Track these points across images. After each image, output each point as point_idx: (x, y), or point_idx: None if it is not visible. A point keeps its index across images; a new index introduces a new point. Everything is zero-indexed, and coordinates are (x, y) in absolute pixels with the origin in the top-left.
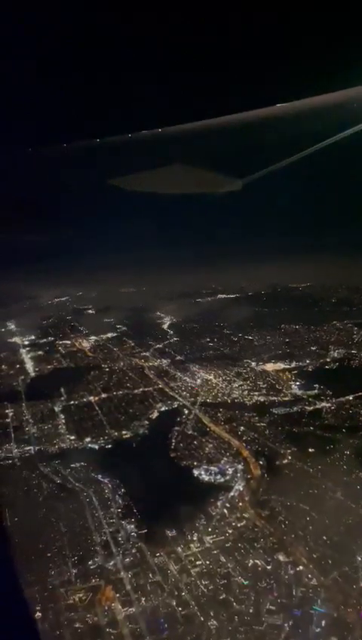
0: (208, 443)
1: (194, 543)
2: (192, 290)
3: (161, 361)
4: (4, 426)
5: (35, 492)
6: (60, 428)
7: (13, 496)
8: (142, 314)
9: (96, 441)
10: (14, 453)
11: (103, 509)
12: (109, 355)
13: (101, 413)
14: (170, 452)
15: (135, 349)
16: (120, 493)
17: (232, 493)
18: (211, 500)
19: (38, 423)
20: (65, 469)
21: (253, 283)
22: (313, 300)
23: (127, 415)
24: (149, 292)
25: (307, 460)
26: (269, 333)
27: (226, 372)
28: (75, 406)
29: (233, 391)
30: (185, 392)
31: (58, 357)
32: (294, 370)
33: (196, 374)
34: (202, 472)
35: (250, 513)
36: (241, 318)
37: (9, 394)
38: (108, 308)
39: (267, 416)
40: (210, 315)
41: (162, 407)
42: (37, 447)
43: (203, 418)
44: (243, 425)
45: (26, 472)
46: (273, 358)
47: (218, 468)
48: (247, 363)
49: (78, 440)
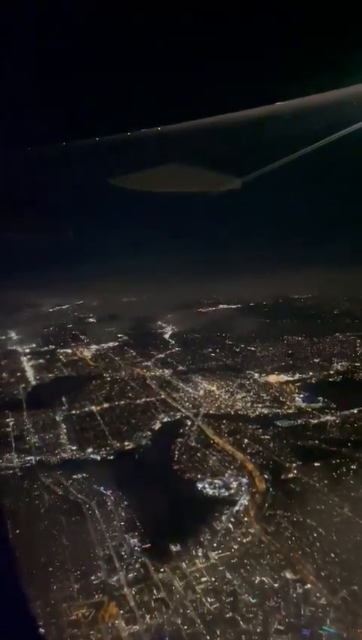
0: (211, 455)
1: (199, 558)
2: (193, 300)
3: (163, 371)
4: (5, 435)
5: (37, 504)
6: (62, 438)
7: (14, 508)
8: (144, 323)
9: (98, 452)
10: (15, 462)
11: (106, 522)
12: (111, 365)
13: (103, 423)
14: (173, 464)
15: (137, 358)
16: (123, 505)
17: (237, 508)
18: (215, 514)
19: (39, 433)
20: (67, 480)
21: (254, 293)
22: (315, 311)
23: (130, 426)
24: (150, 301)
25: (313, 475)
26: (272, 344)
27: (229, 383)
28: (76, 415)
29: (236, 402)
30: (187, 402)
31: (59, 365)
32: (297, 383)
33: (198, 385)
34: (206, 486)
35: (255, 528)
36: (243, 328)
37: (10, 402)
38: (109, 317)
39: (271, 429)
40: (211, 326)
41: (165, 418)
42: (38, 457)
43: (206, 430)
44: (247, 437)
45: (27, 483)
46: (276, 369)
47: (222, 481)
48: (250, 374)
49: (79, 450)
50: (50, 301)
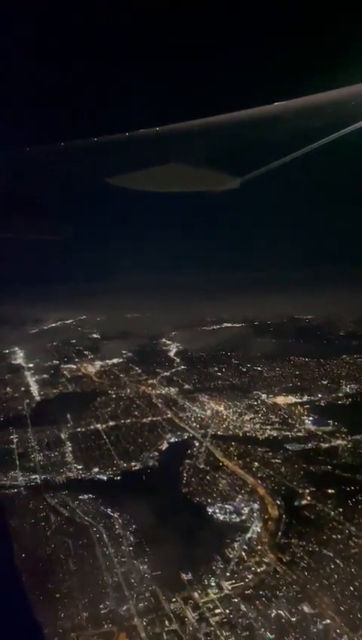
0: (221, 479)
1: (211, 588)
2: (197, 318)
3: (168, 390)
4: (9, 452)
5: (43, 525)
6: (67, 456)
7: (20, 529)
8: (148, 340)
9: (104, 472)
10: (20, 481)
11: (114, 547)
12: (116, 382)
13: (109, 442)
14: (182, 487)
15: (142, 376)
16: (131, 529)
17: (249, 535)
18: (227, 540)
19: (44, 450)
20: (74, 500)
21: (258, 312)
22: (321, 332)
23: (136, 445)
24: (154, 318)
25: (327, 502)
26: (278, 364)
27: (236, 404)
28: (81, 433)
29: (244, 424)
30: (194, 423)
31: (63, 381)
32: (306, 405)
33: (206, 405)
34: (216, 510)
35: (269, 557)
36: (249, 348)
37: (14, 418)
38: (113, 333)
39: (281, 452)
40: (216, 344)
41: (172, 438)
42: (43, 476)
43: (214, 452)
44: (257, 461)
45: (32, 503)
46: (284, 390)
47: (233, 506)
48: (258, 395)
49: (85, 470)
50: (53, 316)
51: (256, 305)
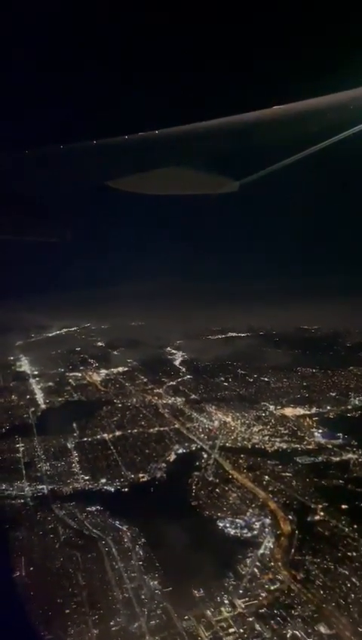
0: (231, 492)
1: (224, 606)
2: (202, 326)
3: (175, 400)
4: (16, 462)
5: (51, 538)
6: (74, 466)
7: (27, 542)
8: (153, 349)
9: (111, 483)
10: (26, 491)
11: (123, 561)
12: (121, 391)
13: (116, 452)
14: (191, 500)
15: (147, 385)
16: (140, 543)
17: (262, 551)
18: (239, 556)
19: (51, 460)
20: (81, 512)
21: (263, 322)
22: (327, 343)
23: (143, 456)
24: (158, 326)
25: (341, 518)
26: (285, 375)
27: (244, 415)
28: (88, 443)
29: (253, 436)
30: (202, 434)
31: (69, 389)
32: (315, 417)
33: (213, 415)
34: (227, 525)
35: (283, 575)
36: (255, 357)
37: (20, 427)
38: (117, 341)
39: (291, 466)
40: (221, 353)
41: (179, 449)
42: (50, 487)
43: (223, 464)
44: (267, 474)
45: (40, 514)
46: (292, 402)
47: (244, 521)
48: (265, 406)
49: (92, 481)
50: (57, 323)
51: (261, 314)
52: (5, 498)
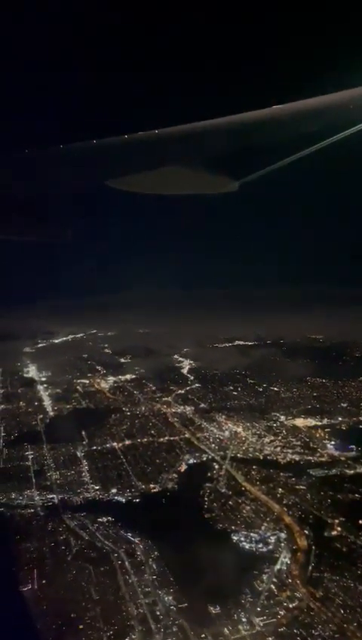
0: (245, 505)
1: (242, 624)
2: (208, 334)
3: (184, 408)
4: (25, 470)
5: (63, 549)
6: (84, 475)
7: (39, 553)
8: (160, 357)
9: (122, 494)
10: (36, 500)
11: (137, 575)
12: (130, 398)
13: (126, 461)
14: (204, 512)
15: (156, 393)
16: (153, 556)
17: (278, 567)
18: (255, 572)
19: (61, 469)
20: (93, 523)
21: (270, 331)
22: (336, 353)
23: (154, 466)
24: (165, 334)
25: (359, 534)
26: (295, 385)
27: (255, 425)
28: (97, 452)
29: (264, 447)
30: (213, 444)
31: (77, 397)
32: (327, 428)
33: (223, 425)
34: (242, 538)
35: (301, 592)
36: (263, 366)
37: (28, 434)
38: (125, 348)
39: (305, 478)
40: (229, 362)
41: (190, 459)
42: (60, 496)
43: (236, 475)
44: (280, 486)
45: (51, 525)
46: (303, 413)
47: (258, 535)
48: (276, 416)
49: (103, 491)
50: (64, 330)
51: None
52: (15, 507)
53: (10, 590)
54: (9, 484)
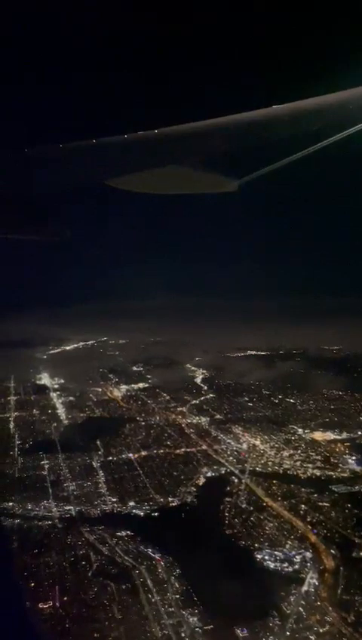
0: (267, 521)
1: None
2: (220, 344)
3: (199, 419)
4: (41, 479)
5: (84, 565)
6: (101, 487)
7: (59, 568)
8: (172, 365)
9: (140, 507)
10: (54, 512)
11: (160, 594)
12: (144, 408)
13: (143, 473)
14: (225, 528)
15: (170, 403)
16: (175, 574)
17: (306, 588)
18: (281, 592)
19: (77, 480)
20: (112, 537)
21: (282, 341)
22: (351, 364)
23: (172, 479)
24: (176, 342)
25: None
26: (311, 397)
27: (273, 438)
28: (113, 463)
29: (284, 460)
30: (231, 457)
31: (90, 405)
32: (346, 442)
33: (240, 437)
34: (266, 557)
35: (332, 616)
36: (277, 377)
37: (43, 442)
38: (135, 356)
39: (327, 495)
40: (243, 372)
41: (208, 472)
42: (77, 508)
43: (256, 490)
44: (303, 503)
45: (70, 538)
46: (321, 426)
47: (283, 553)
48: (293, 429)
49: (120, 503)
50: (74, 337)
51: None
52: (32, 519)
53: (32, 606)
54: (25, 494)
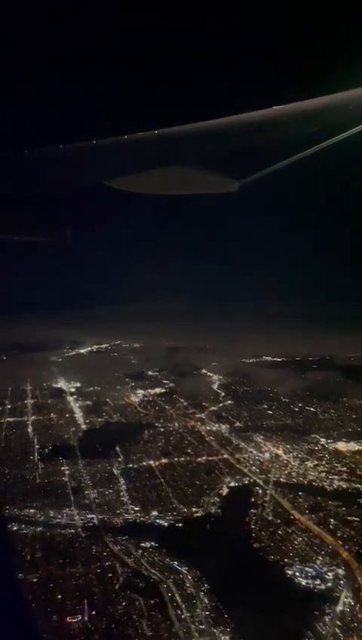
0: (295, 535)
1: None
2: (235, 349)
3: (219, 427)
4: (62, 486)
5: (110, 577)
6: (122, 495)
7: (86, 580)
8: (188, 370)
9: (164, 517)
10: (76, 520)
11: (189, 610)
12: (162, 414)
13: (165, 482)
14: (253, 541)
15: (188, 409)
16: (204, 589)
17: (341, 607)
18: (316, 612)
19: (98, 487)
20: (136, 548)
21: (297, 348)
22: None
23: (194, 488)
24: (191, 347)
25: None
26: (332, 406)
27: (295, 447)
28: (134, 470)
29: (308, 471)
30: (253, 466)
31: (107, 410)
32: None
33: (262, 447)
34: (297, 573)
35: None
36: (295, 385)
37: (62, 448)
38: (151, 360)
39: (357, 509)
40: (259, 378)
41: (231, 481)
42: (100, 516)
43: (282, 502)
44: (331, 517)
45: (95, 549)
46: (343, 436)
47: (314, 570)
48: (316, 439)
49: (143, 512)
50: (89, 340)
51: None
52: (55, 527)
53: (60, 620)
54: (47, 501)
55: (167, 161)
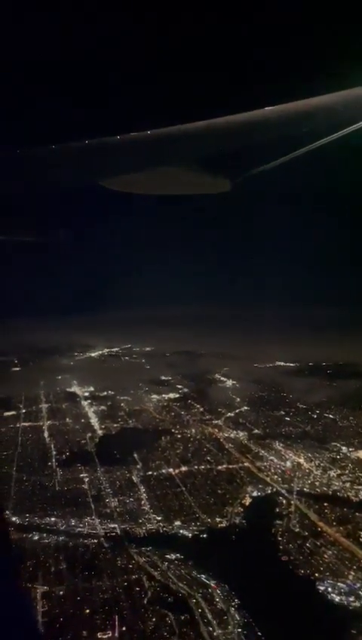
0: (325, 549)
1: None
2: (248, 354)
3: (237, 434)
4: (83, 494)
5: (138, 591)
6: (143, 504)
7: (114, 594)
8: (201, 375)
9: (187, 527)
10: (98, 530)
11: (221, 627)
12: (178, 420)
13: (186, 490)
14: (281, 554)
15: (204, 415)
16: (234, 604)
17: None
18: (352, 630)
19: (118, 495)
20: (162, 560)
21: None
22: None
23: (217, 497)
24: (203, 352)
25: None
26: (351, 413)
27: (317, 456)
28: (154, 478)
29: (332, 481)
30: (275, 475)
31: (123, 415)
32: None
33: (283, 455)
34: (329, 589)
35: None
36: (311, 391)
37: (80, 454)
38: (163, 365)
39: None
40: (275, 384)
41: (254, 491)
42: (122, 526)
43: (307, 513)
44: (360, 529)
45: (120, 561)
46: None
47: (347, 585)
48: (337, 447)
49: (166, 522)
50: (99, 344)
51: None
52: (77, 536)
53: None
54: (68, 509)
55: (160, 161)
